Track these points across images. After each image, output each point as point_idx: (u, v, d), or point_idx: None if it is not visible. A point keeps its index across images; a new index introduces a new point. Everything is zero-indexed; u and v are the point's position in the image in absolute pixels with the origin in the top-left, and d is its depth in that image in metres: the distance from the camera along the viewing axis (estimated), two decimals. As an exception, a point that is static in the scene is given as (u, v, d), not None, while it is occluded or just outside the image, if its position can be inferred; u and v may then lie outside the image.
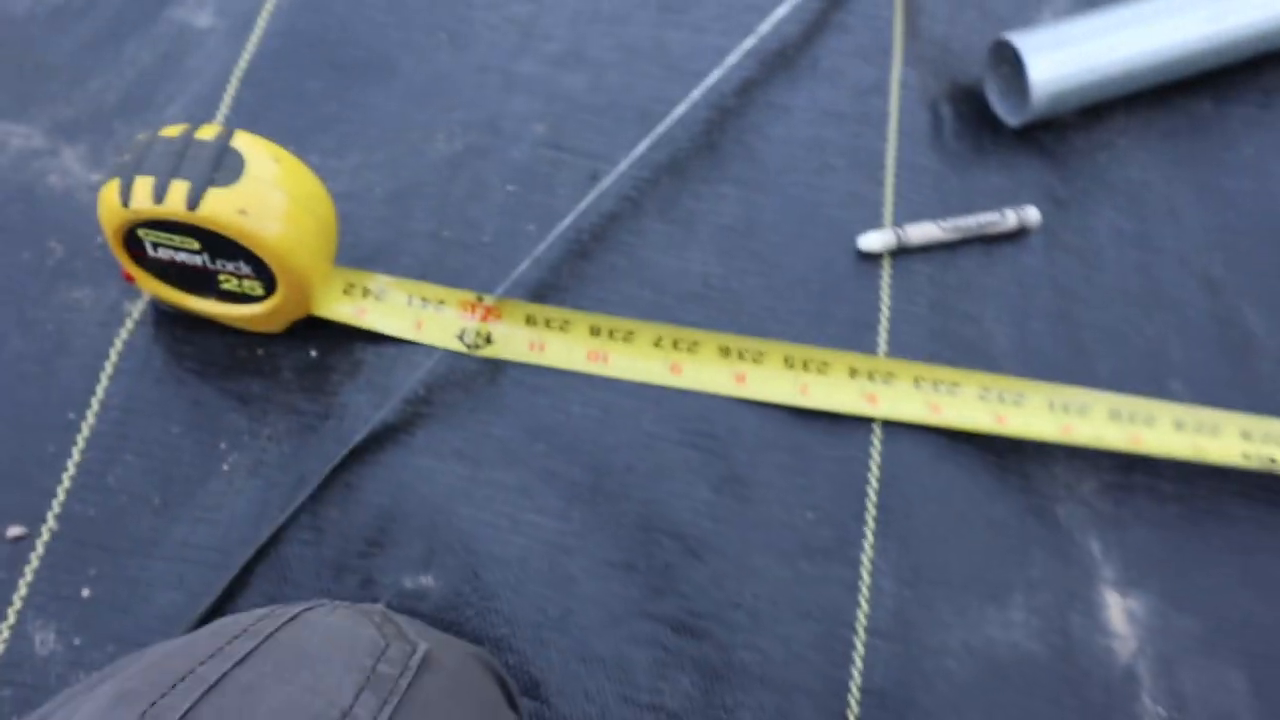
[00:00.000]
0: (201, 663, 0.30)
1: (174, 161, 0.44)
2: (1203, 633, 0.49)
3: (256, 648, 0.31)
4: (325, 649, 0.32)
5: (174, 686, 0.28)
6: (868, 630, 0.47)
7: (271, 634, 0.32)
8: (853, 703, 0.46)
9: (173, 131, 0.46)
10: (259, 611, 0.35)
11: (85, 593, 0.46)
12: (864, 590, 0.48)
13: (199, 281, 0.48)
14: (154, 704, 0.28)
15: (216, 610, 0.46)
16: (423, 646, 0.34)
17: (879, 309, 0.54)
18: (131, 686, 0.29)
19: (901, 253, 0.56)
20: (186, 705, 0.28)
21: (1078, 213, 0.59)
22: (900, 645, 0.47)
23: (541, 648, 0.46)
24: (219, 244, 0.46)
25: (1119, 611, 0.49)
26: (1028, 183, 0.59)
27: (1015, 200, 0.58)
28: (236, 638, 0.32)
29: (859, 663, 0.47)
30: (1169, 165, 0.61)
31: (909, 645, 0.47)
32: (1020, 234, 0.58)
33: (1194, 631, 0.49)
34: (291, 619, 0.34)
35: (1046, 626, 0.48)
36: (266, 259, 0.46)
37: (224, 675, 0.29)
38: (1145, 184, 0.61)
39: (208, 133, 0.45)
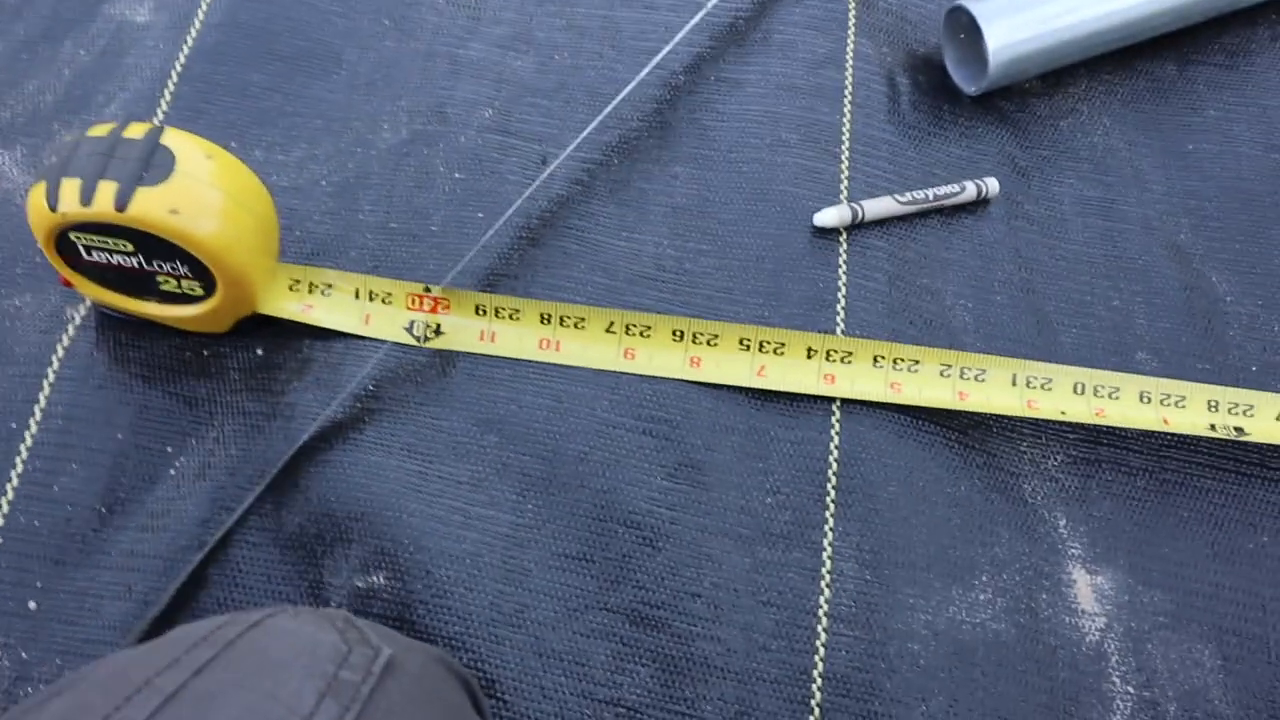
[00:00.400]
0: (159, 672, 0.29)
1: (101, 162, 0.43)
2: (1172, 608, 0.48)
3: (216, 656, 0.30)
4: (286, 655, 0.31)
5: (129, 699, 0.28)
6: (829, 615, 0.46)
7: (231, 641, 0.31)
8: (815, 690, 0.45)
9: (100, 131, 0.44)
10: (220, 619, 0.34)
11: (32, 605, 0.46)
12: (825, 575, 0.47)
13: (137, 284, 0.47)
14: (107, 717, 0.27)
15: (166, 618, 0.45)
16: (386, 651, 0.33)
17: (836, 286, 0.53)
18: (87, 700, 0.28)
19: (858, 228, 0.55)
20: (143, 717, 0.27)
21: (1040, 182, 0.58)
22: (863, 630, 0.46)
23: (496, 645, 0.45)
24: (153, 245, 0.44)
25: (1087, 588, 0.48)
26: (988, 153, 0.58)
27: (975, 171, 0.57)
28: (195, 646, 0.31)
29: (821, 649, 0.46)
30: (1133, 130, 0.60)
31: (872, 629, 0.46)
32: (980, 205, 0.56)
33: (1164, 607, 0.48)
34: (252, 625, 0.33)
35: (1012, 606, 0.47)
36: (203, 258, 0.45)
37: (182, 685, 0.29)
38: (1109, 150, 0.59)
39: (136, 131, 0.44)
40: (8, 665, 0.44)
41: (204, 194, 0.44)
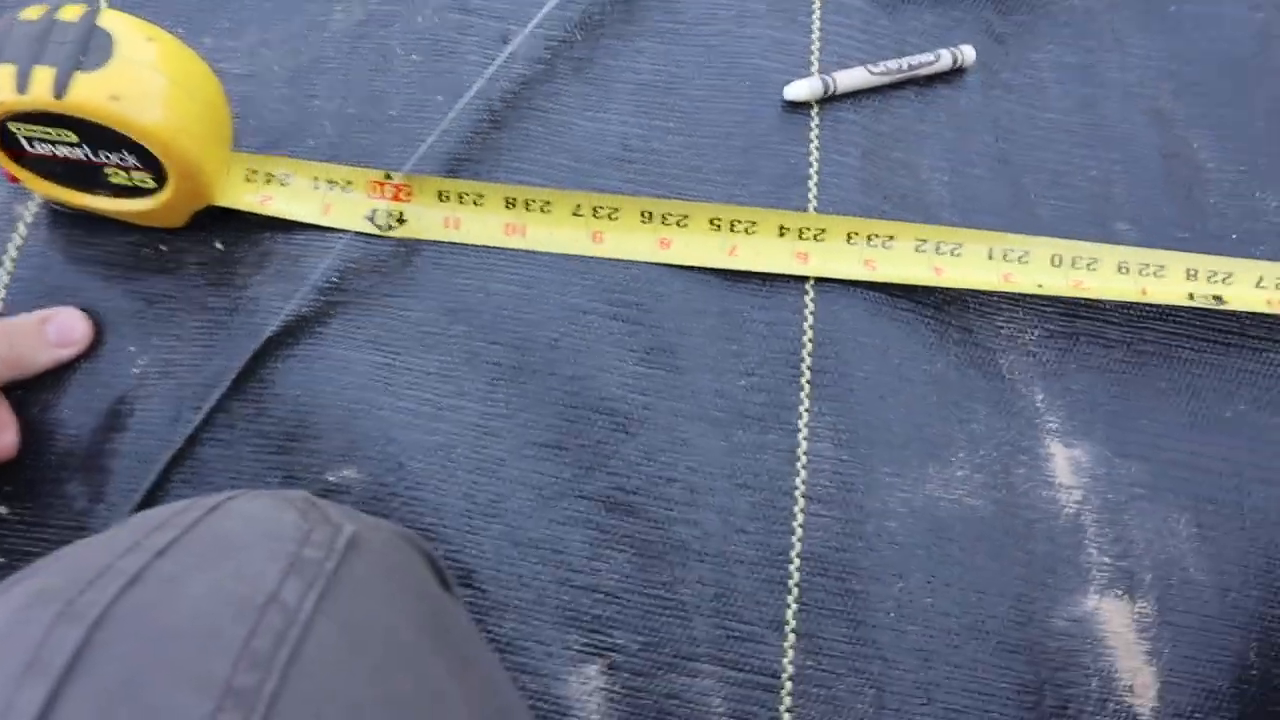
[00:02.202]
0: (120, 556, 0.29)
1: (36, 46, 0.41)
2: (1149, 479, 0.48)
3: (177, 539, 0.30)
4: (247, 536, 0.31)
5: (91, 582, 0.27)
6: (806, 496, 0.46)
7: (192, 525, 0.31)
8: (793, 570, 0.45)
9: (33, 14, 0.42)
10: (178, 504, 0.33)
11: (3, 510, 0.45)
12: (801, 456, 0.47)
13: (85, 176, 0.45)
14: (71, 602, 0.26)
15: (136, 517, 0.45)
16: (348, 528, 0.33)
17: (808, 162, 0.51)
18: (47, 583, 0.27)
19: (830, 101, 0.53)
20: (106, 600, 0.26)
21: (1017, 48, 0.56)
22: (840, 509, 0.46)
23: (472, 535, 0.45)
24: (98, 134, 0.43)
25: (1064, 461, 0.48)
26: (964, 19, 0.56)
27: (950, 39, 0.55)
28: (156, 530, 0.30)
29: (799, 530, 0.46)
30: (1114, -10, 0.58)
31: (849, 509, 0.46)
32: (956, 75, 0.55)
33: (1140, 478, 0.48)
34: (211, 509, 0.32)
35: (990, 481, 0.47)
36: (150, 147, 0.43)
37: (144, 567, 0.28)
38: (1089, 13, 0.57)
39: (71, 13, 0.42)
40: (-19, 569, 0.44)
41: (147, 78, 0.42)
